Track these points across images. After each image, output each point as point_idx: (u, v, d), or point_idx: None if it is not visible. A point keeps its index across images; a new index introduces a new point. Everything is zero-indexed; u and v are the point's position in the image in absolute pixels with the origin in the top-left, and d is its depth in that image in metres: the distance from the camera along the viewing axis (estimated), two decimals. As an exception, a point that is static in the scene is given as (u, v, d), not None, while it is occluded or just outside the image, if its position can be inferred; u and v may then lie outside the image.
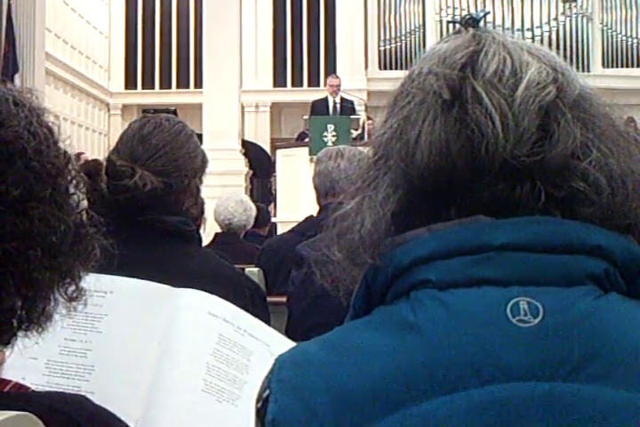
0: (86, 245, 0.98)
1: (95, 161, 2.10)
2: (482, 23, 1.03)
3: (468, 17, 1.03)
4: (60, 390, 1.05)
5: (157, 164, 2.16)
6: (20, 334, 0.94)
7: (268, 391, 0.90)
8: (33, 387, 0.97)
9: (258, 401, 0.92)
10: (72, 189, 0.97)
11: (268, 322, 2.26)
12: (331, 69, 16.10)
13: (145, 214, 2.11)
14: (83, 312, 1.03)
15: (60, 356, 1.55)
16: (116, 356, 1.56)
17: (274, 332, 1.67)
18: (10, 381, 0.93)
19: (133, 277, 1.65)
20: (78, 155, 1.02)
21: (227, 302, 1.67)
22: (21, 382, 0.95)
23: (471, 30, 1.01)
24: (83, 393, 1.03)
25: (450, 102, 0.94)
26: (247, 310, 1.94)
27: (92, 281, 1.02)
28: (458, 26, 1.03)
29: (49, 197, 0.93)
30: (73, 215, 0.96)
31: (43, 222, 0.91)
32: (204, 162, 2.31)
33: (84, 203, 0.99)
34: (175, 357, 1.56)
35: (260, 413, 0.90)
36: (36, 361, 1.48)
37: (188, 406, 1.52)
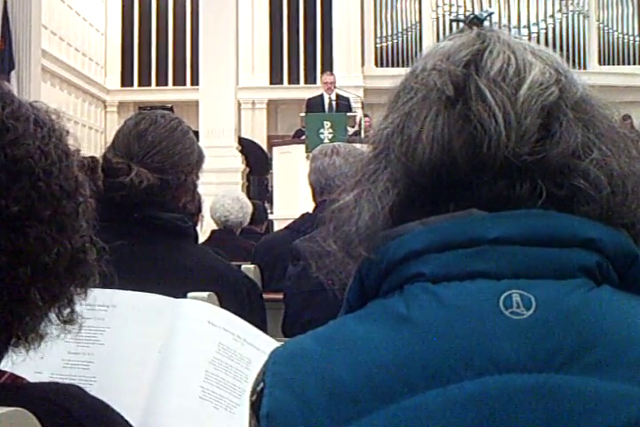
0: (84, 271, 0.98)
1: (92, 158, 2.10)
2: (486, 22, 1.04)
3: (472, 16, 1.04)
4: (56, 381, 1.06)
5: (154, 160, 2.16)
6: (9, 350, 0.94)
7: (262, 385, 0.91)
8: None
9: (252, 394, 0.92)
10: (78, 214, 0.97)
11: (264, 319, 2.27)
12: (327, 67, 16.10)
13: (141, 211, 2.11)
14: (86, 326, 1.04)
15: (64, 369, 1.56)
16: (117, 366, 1.58)
17: (273, 341, 1.67)
18: (5, 372, 0.94)
19: (129, 274, 1.66)
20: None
21: (226, 312, 1.68)
22: None
23: (475, 29, 1.01)
24: None
25: (453, 99, 0.95)
26: (243, 308, 1.94)
27: (96, 295, 1.02)
28: (462, 25, 1.04)
29: (49, 217, 0.92)
30: (73, 239, 0.96)
31: (38, 242, 0.91)
32: (201, 158, 2.31)
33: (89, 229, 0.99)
34: (174, 364, 1.57)
35: (255, 406, 0.91)
36: (40, 375, 1.49)
37: (185, 412, 1.53)
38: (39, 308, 0.94)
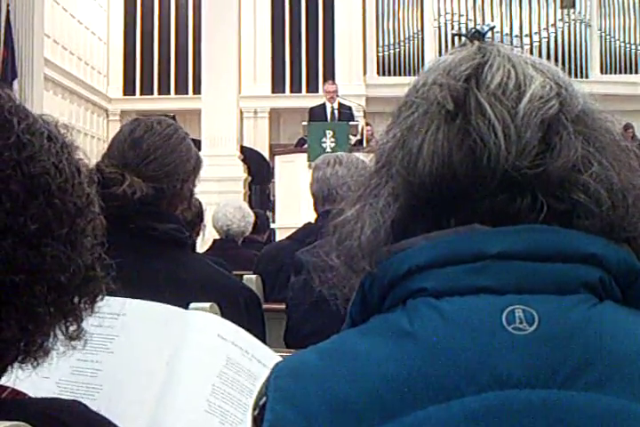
0: (93, 288, 0.98)
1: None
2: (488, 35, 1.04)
3: (473, 30, 1.04)
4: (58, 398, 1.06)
5: (148, 169, 2.13)
6: (15, 365, 0.94)
7: (264, 399, 0.91)
8: None
9: (254, 409, 0.92)
10: (89, 231, 0.97)
11: (262, 330, 2.25)
12: (329, 75, 16.12)
13: (136, 222, 2.08)
14: (96, 334, 1.04)
15: (72, 375, 1.55)
16: (125, 375, 1.57)
17: (278, 357, 1.67)
18: (7, 387, 0.94)
19: (126, 286, 1.66)
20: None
21: (234, 325, 1.67)
22: None
23: (476, 43, 1.02)
24: None
25: (453, 113, 0.95)
26: (241, 318, 1.92)
27: (106, 303, 1.02)
28: (463, 39, 1.04)
29: (64, 236, 0.92)
30: (85, 257, 0.95)
31: (54, 260, 0.91)
32: (198, 164, 2.26)
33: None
34: (181, 377, 1.56)
35: (257, 420, 0.91)
36: (48, 380, 1.49)
37: (190, 425, 1.52)
38: (48, 325, 0.94)
